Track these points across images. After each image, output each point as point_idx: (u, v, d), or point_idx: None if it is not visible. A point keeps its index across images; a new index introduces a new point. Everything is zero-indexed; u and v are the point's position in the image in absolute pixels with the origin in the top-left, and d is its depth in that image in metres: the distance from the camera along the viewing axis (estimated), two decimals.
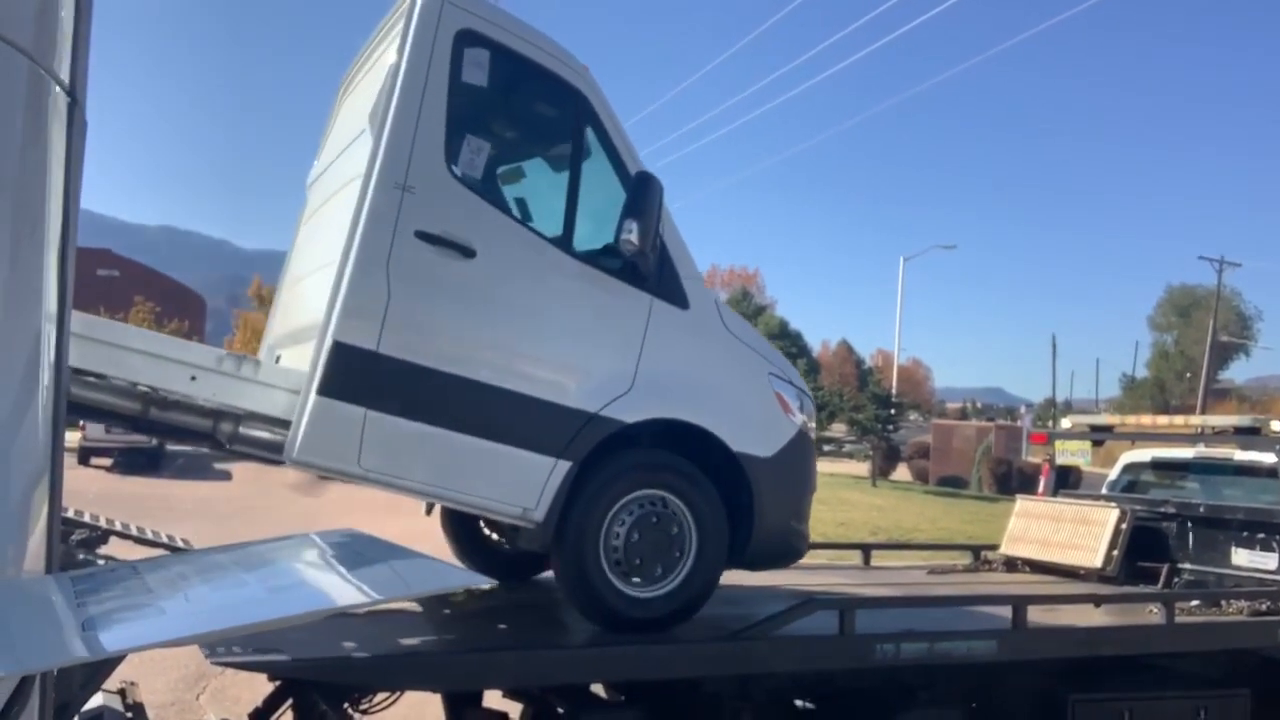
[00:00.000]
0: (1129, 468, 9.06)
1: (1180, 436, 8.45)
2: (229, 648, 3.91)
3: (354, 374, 4.24)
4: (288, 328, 5.47)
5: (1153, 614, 6.25)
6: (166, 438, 4.77)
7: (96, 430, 26.87)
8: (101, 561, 4.78)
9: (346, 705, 4.34)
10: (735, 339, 5.24)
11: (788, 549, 5.48)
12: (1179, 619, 6.11)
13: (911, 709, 5.34)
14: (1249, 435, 7.42)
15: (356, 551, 4.77)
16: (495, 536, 6.28)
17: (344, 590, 4.10)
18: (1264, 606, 6.63)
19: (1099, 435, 8.60)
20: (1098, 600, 6.55)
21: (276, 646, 3.98)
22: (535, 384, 4.58)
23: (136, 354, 4.22)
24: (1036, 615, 5.67)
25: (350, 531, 4.89)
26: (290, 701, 4.67)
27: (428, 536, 8.40)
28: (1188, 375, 73.65)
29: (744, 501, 5.07)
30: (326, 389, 4.21)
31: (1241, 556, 7.47)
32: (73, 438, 27.68)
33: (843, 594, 6.19)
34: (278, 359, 4.89)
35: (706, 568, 4.94)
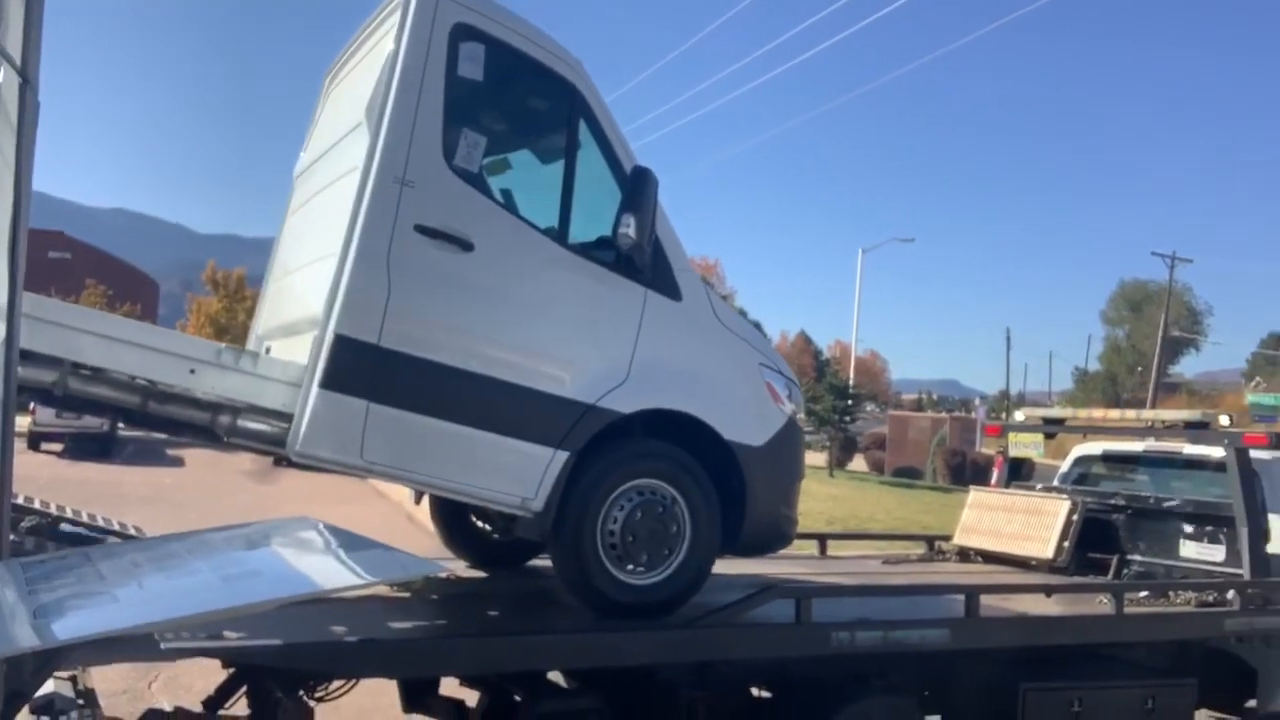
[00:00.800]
0: (1080, 460, 9.18)
1: (1131, 430, 8.57)
2: (180, 634, 3.88)
3: (356, 367, 4.28)
4: (279, 320, 5.47)
5: (1102, 604, 6.35)
6: (163, 431, 4.87)
7: (47, 415, 26.48)
8: (53, 548, 4.72)
9: (302, 693, 4.31)
10: (727, 330, 5.32)
11: (778, 535, 5.57)
12: (1128, 609, 6.21)
13: (866, 697, 5.39)
14: (1198, 429, 7.53)
15: (312, 540, 4.75)
16: (484, 525, 6.32)
17: (299, 579, 4.08)
18: (1211, 598, 6.75)
19: (1051, 428, 8.70)
20: (1049, 590, 6.64)
21: (230, 631, 3.95)
22: (533, 375, 4.64)
23: (135, 347, 4.23)
24: (989, 604, 5.75)
25: (306, 520, 4.86)
26: (244, 689, 4.64)
27: (384, 524, 8.37)
28: (1139, 369, 74.69)
29: (736, 489, 5.16)
30: (329, 382, 4.25)
31: (1189, 549, 7.60)
32: (22, 422, 27.26)
33: (799, 583, 6.23)
34: (267, 350, 4.89)
35: (700, 554, 5.02)
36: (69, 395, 4.21)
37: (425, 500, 6.27)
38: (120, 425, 29.83)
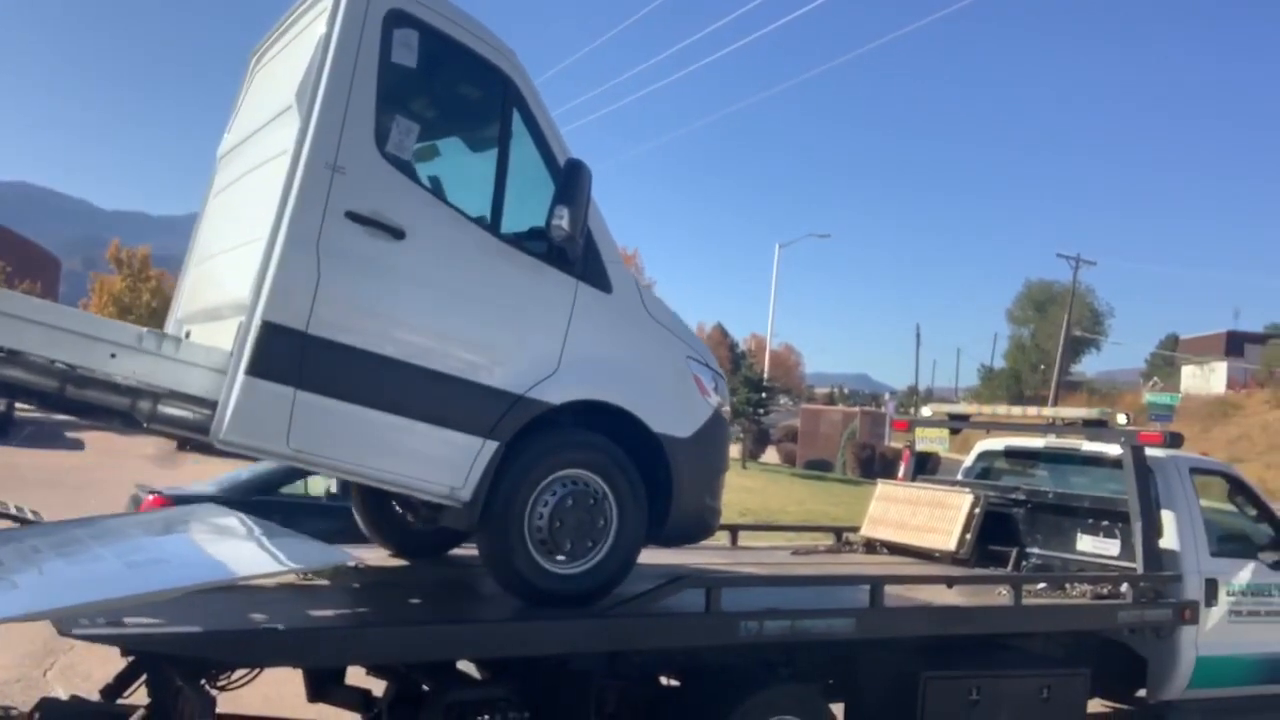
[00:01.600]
0: (983, 455, 9.38)
1: (1032, 427, 8.78)
2: (80, 621, 3.79)
3: (283, 354, 4.20)
4: (200, 304, 5.35)
5: (1002, 596, 6.51)
6: (80, 415, 4.71)
7: None
8: None
9: (204, 681, 4.23)
10: (655, 323, 5.34)
11: (702, 526, 5.62)
12: (1026, 601, 6.37)
13: (773, 684, 5.47)
14: (1096, 427, 7.74)
15: (220, 526, 4.69)
16: (408, 515, 6.27)
17: (207, 566, 4.03)
18: (1105, 591, 6.96)
19: (957, 424, 8.88)
20: (950, 581, 6.79)
21: (131, 619, 3.87)
22: (463, 365, 4.63)
23: (53, 330, 4.11)
24: (893, 595, 5.86)
25: (211, 506, 4.78)
26: (144, 678, 4.55)
27: None
28: (1042, 367, 76.41)
29: (662, 480, 5.20)
30: (254, 368, 4.16)
31: (1086, 543, 7.81)
32: None
33: (710, 573, 6.29)
34: (188, 335, 4.79)
35: (626, 544, 5.06)
36: None
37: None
38: (16, 407, 29.08)
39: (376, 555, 6.21)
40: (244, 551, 4.33)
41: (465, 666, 5.28)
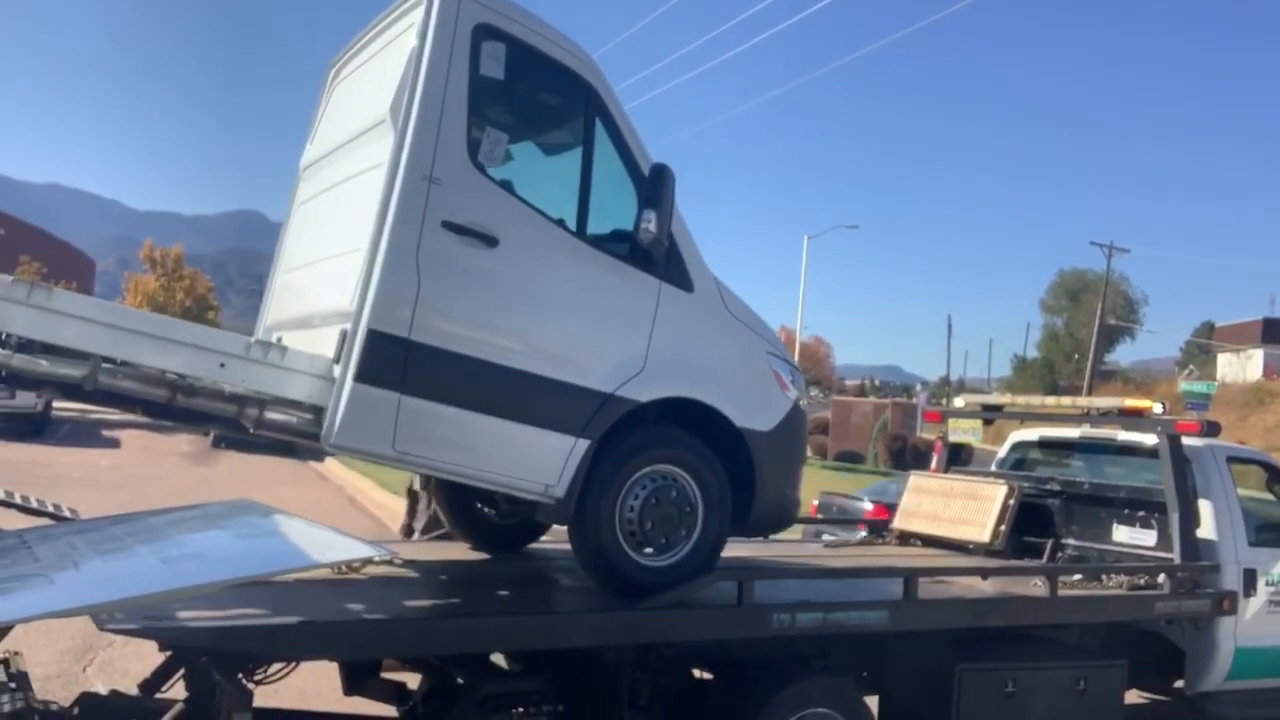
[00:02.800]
0: (1017, 446, 9.31)
1: (1067, 417, 8.71)
2: (115, 616, 3.83)
3: (387, 360, 4.38)
4: (291, 312, 5.56)
5: (1037, 587, 6.46)
6: (186, 423, 4.98)
7: None
8: None
9: (241, 675, 4.27)
10: (736, 320, 5.49)
11: (784, 516, 5.82)
12: (1062, 592, 6.32)
13: (806, 677, 5.45)
14: (1132, 417, 7.67)
15: (253, 522, 4.72)
16: (487, 509, 6.49)
17: (240, 562, 4.05)
18: (1142, 581, 6.90)
19: (990, 414, 8.82)
20: (985, 573, 6.74)
21: (169, 614, 3.91)
22: (556, 366, 4.78)
23: (166, 342, 4.31)
24: (926, 587, 5.83)
25: (246, 502, 4.82)
26: (182, 672, 4.59)
27: (326, 507, 8.32)
28: (1076, 357, 75.74)
29: (745, 472, 5.33)
30: (362, 375, 4.34)
31: (1122, 533, 7.74)
32: None
33: (741, 564, 6.28)
34: (278, 341, 4.95)
35: (713, 536, 5.21)
36: (97, 390, 4.25)
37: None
38: (54, 405, 29.42)
39: (410, 549, 6.24)
40: (279, 546, 4.36)
41: (499, 659, 5.31)
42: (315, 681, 5.72)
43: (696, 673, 5.69)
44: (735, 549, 7.12)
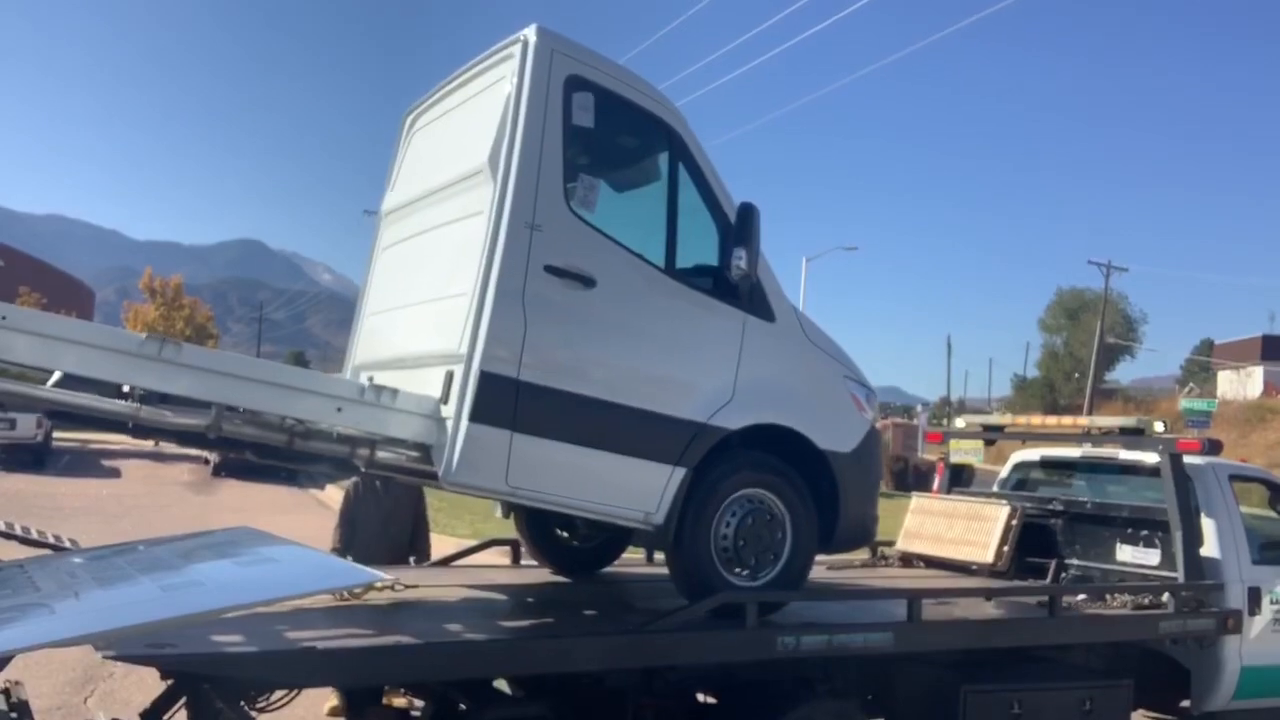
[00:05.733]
0: (1019, 466, 9.30)
1: (1068, 436, 8.70)
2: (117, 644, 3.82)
3: (499, 400, 4.57)
4: (382, 353, 5.78)
5: (1041, 608, 6.43)
6: (298, 464, 5.19)
7: None
8: None
9: (243, 703, 4.25)
10: (815, 347, 5.71)
11: (865, 534, 6.03)
12: (1066, 612, 6.30)
13: (811, 700, 5.42)
14: (1134, 436, 7.66)
15: (252, 550, 4.71)
16: (565, 534, 6.78)
17: (242, 589, 4.04)
18: (1146, 601, 6.87)
19: (991, 435, 8.81)
20: (989, 594, 6.72)
21: (170, 642, 3.90)
22: (653, 399, 4.98)
23: (287, 389, 4.52)
24: (931, 609, 5.81)
25: (247, 530, 4.81)
26: (183, 700, 4.57)
27: (324, 533, 8.30)
28: (1076, 375, 75.76)
29: (828, 493, 5.55)
30: (476, 415, 4.53)
31: (1125, 553, 7.72)
32: None
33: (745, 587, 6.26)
34: (370, 380, 5.10)
35: (801, 556, 5.45)
36: (221, 437, 4.45)
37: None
38: (54, 436, 29.43)
39: (412, 575, 6.23)
40: (280, 573, 4.34)
41: (502, 685, 5.28)
42: (316, 709, 5.69)
43: (700, 697, 5.67)
44: None
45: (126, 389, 4.28)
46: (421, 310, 5.36)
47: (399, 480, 6.68)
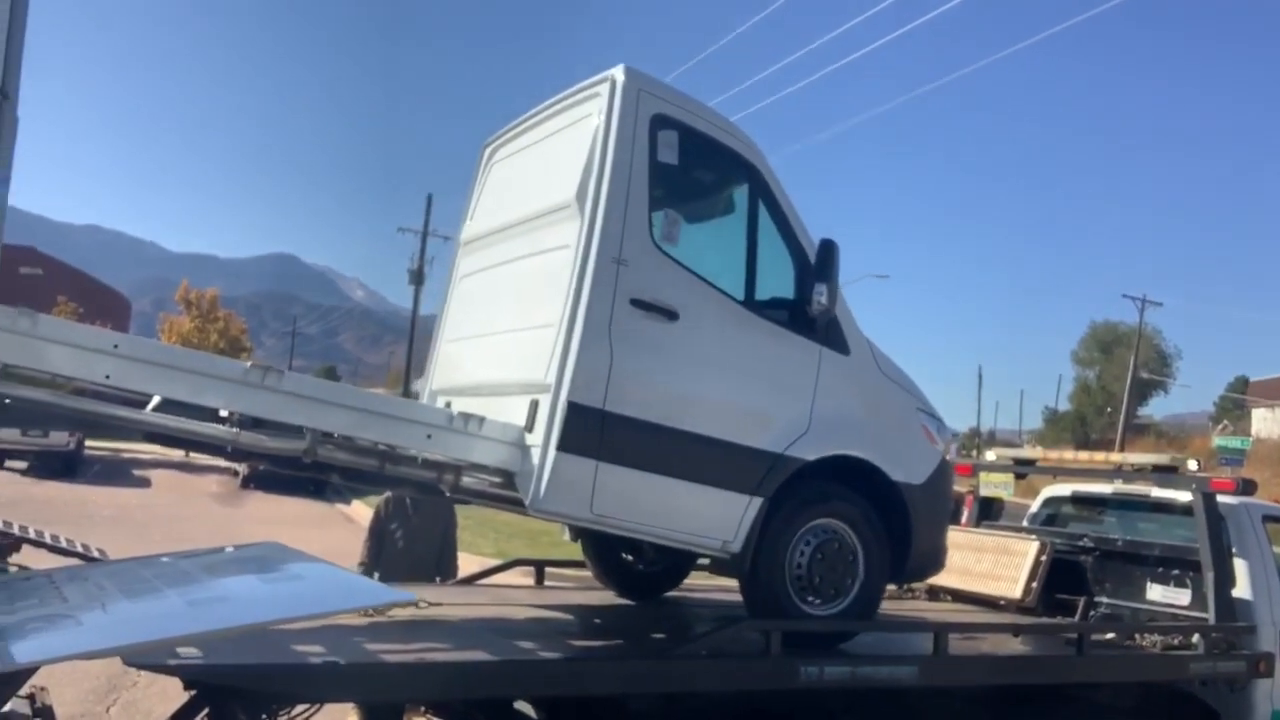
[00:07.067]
0: (1049, 501, 9.21)
1: (1099, 472, 8.61)
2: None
3: (586, 430, 4.70)
4: (461, 380, 5.99)
5: (1069, 645, 6.35)
6: (385, 487, 5.60)
7: (11, 433, 26.22)
8: (14, 569, 4.67)
9: (265, 716, 4.25)
10: (888, 379, 5.81)
11: (935, 564, 6.17)
12: (1095, 651, 6.22)
13: None
14: (1166, 474, 7.57)
15: (278, 566, 4.72)
16: (630, 558, 6.93)
17: (267, 605, 4.05)
18: (1176, 641, 6.77)
19: (1021, 469, 8.74)
20: (1016, 630, 6.65)
21: (193, 654, 3.92)
22: (733, 429, 5.07)
23: (381, 417, 4.69)
24: (957, 643, 5.75)
25: (272, 545, 4.83)
26: (205, 712, 4.58)
27: (350, 549, 8.32)
28: (1108, 410, 75.10)
29: (899, 524, 5.62)
30: (564, 444, 4.66)
31: (1156, 592, 7.62)
32: None
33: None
34: (447, 405, 5.32)
35: (873, 585, 5.54)
36: (316, 462, 4.63)
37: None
38: (86, 444, 29.69)
39: (435, 593, 6.22)
40: (304, 590, 4.36)
41: (524, 707, 5.26)
42: None
43: None
44: None
45: (224, 414, 4.44)
46: (504, 339, 5.51)
47: (430, 500, 6.74)
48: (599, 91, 5.08)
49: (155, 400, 4.38)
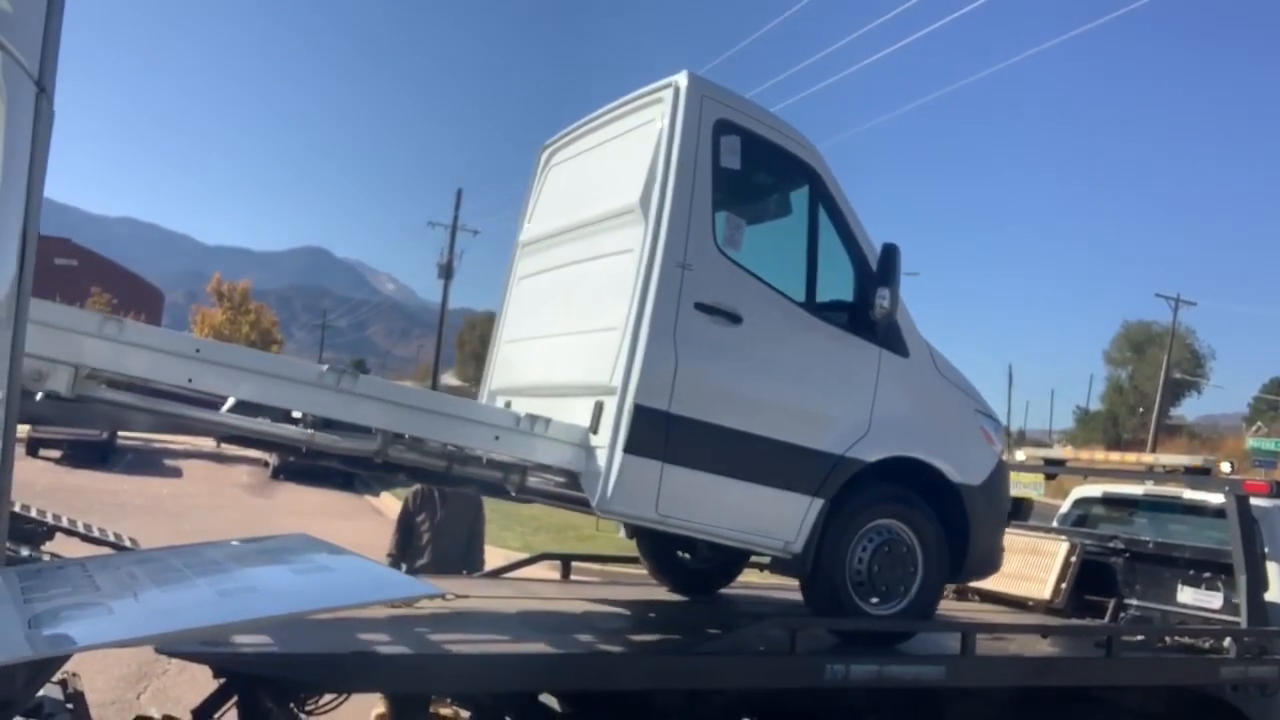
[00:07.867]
0: (1080, 502, 9.14)
1: (1131, 473, 8.53)
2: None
3: (651, 432, 4.76)
4: (521, 380, 6.07)
5: (1098, 647, 6.30)
6: (453, 486, 5.71)
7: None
8: (47, 558, 4.72)
9: (293, 705, 4.29)
10: (947, 381, 5.87)
11: (992, 565, 6.21)
12: (1124, 653, 6.17)
13: None
14: (1199, 475, 7.50)
15: (308, 557, 4.74)
16: (685, 555, 6.96)
17: (296, 596, 4.07)
18: (1207, 645, 6.71)
19: (1052, 469, 8.67)
20: (1045, 631, 6.61)
21: (224, 642, 3.97)
22: (795, 431, 5.12)
23: (451, 418, 4.77)
24: (985, 644, 5.72)
25: (302, 536, 4.85)
26: (235, 700, 4.62)
27: (381, 541, 8.37)
28: (1140, 410, 74.42)
29: (958, 524, 5.70)
30: (630, 446, 4.73)
31: (1187, 594, 7.55)
32: (22, 429, 27.27)
33: (796, 612, 6.20)
34: (507, 404, 5.41)
35: (932, 585, 5.65)
36: (386, 462, 4.75)
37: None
38: (119, 434, 30.00)
39: (462, 586, 6.25)
40: (333, 582, 4.38)
41: (549, 700, 5.28)
42: (362, 715, 5.72)
43: None
44: (791, 595, 7.07)
45: (296, 415, 4.55)
46: (565, 341, 5.58)
47: (459, 493, 6.78)
48: (662, 97, 5.11)
49: (230, 402, 4.47)
